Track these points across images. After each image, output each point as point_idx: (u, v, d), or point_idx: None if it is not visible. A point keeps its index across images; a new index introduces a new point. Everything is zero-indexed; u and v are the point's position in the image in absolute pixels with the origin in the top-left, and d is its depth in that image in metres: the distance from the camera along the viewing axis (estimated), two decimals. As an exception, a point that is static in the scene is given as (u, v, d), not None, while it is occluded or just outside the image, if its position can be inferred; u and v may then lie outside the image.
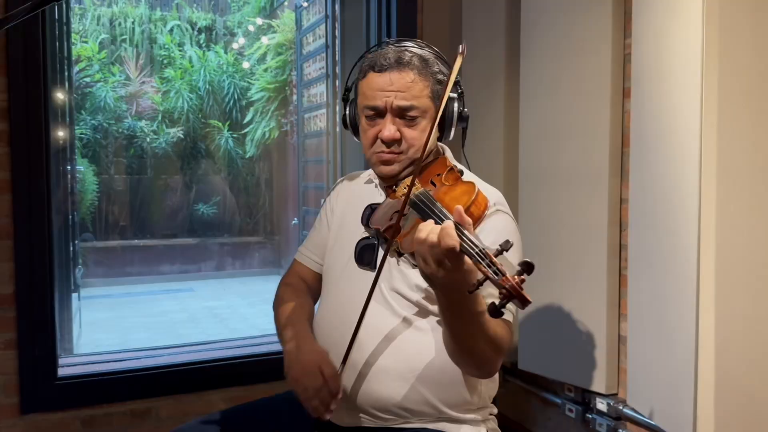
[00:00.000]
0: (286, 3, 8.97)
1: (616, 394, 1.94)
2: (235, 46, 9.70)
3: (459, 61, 1.16)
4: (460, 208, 1.01)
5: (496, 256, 0.95)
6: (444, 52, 1.35)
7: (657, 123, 1.66)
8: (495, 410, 1.38)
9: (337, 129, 3.00)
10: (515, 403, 2.41)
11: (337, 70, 2.98)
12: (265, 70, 8.96)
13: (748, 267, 1.52)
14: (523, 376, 2.31)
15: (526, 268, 0.92)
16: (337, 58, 2.96)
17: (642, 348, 1.76)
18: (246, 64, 9.45)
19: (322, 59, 6.22)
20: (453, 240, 0.97)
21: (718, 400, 1.50)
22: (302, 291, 1.46)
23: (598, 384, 1.93)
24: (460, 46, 1.16)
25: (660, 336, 1.67)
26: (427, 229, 1.01)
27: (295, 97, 8.07)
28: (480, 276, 0.95)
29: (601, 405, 1.95)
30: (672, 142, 1.59)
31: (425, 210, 1.13)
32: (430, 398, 1.25)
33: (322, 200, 1.58)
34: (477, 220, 1.12)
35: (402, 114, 1.27)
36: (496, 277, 0.93)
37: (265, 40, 9.01)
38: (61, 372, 2.11)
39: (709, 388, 1.50)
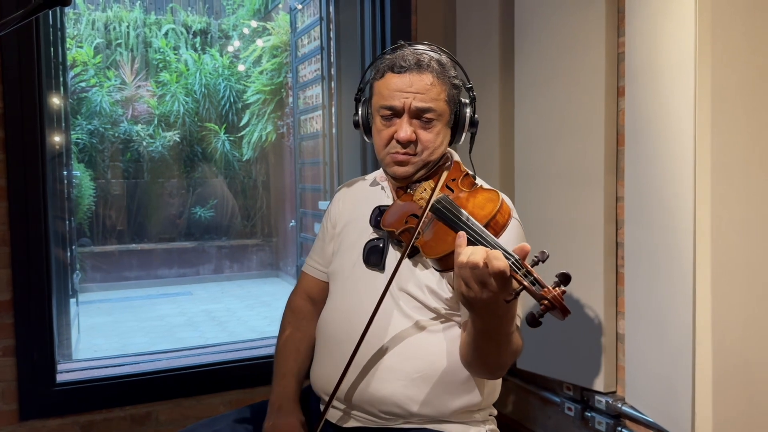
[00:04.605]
0: (280, 5, 8.97)
1: (614, 392, 1.95)
2: (230, 48, 9.70)
3: (445, 175, 1.26)
4: (526, 246, 0.99)
5: (532, 266, 0.96)
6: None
7: (651, 121, 1.66)
8: (495, 412, 1.39)
9: (333, 131, 3.01)
10: (515, 402, 2.41)
11: (332, 72, 2.99)
12: (261, 72, 8.96)
13: (743, 263, 1.53)
14: (522, 375, 2.32)
15: (564, 279, 0.93)
16: (332, 60, 2.97)
17: (640, 345, 1.77)
18: (241, 67, 9.45)
19: (317, 61, 6.23)
20: (502, 262, 0.95)
21: (716, 396, 1.51)
22: (307, 318, 1.48)
23: (597, 382, 1.94)
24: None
25: (657, 333, 1.67)
26: (468, 252, 0.99)
27: (291, 99, 8.08)
28: (517, 286, 0.95)
29: (600, 403, 1.95)
30: (666, 140, 1.60)
31: (449, 216, 1.13)
32: (434, 399, 1.25)
33: (320, 202, 1.59)
34: (502, 228, 1.12)
35: (419, 115, 1.28)
36: (534, 288, 0.94)
37: (260, 42, 9.01)
38: (60, 378, 2.11)
39: (707, 384, 1.51)
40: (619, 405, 1.90)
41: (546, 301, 0.92)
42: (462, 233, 1.04)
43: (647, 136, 1.68)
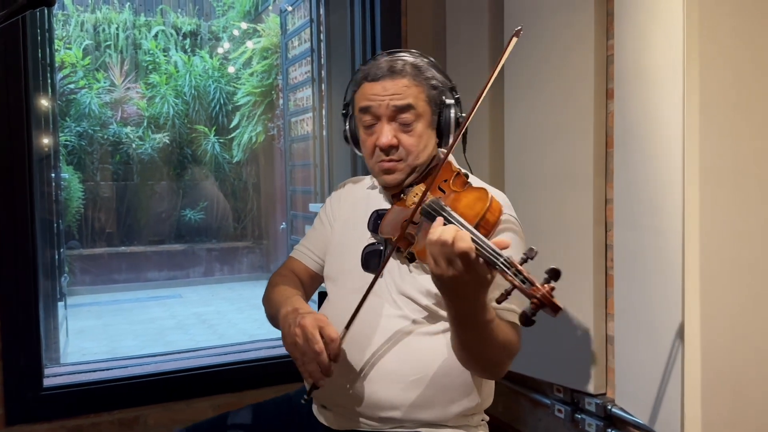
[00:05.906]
0: (270, 7, 8.96)
1: (604, 394, 1.95)
2: (220, 50, 9.69)
3: (513, 41, 1.12)
4: (505, 242, 1.00)
5: (521, 264, 0.95)
6: (429, 55, 1.36)
7: (640, 123, 1.67)
8: (487, 418, 1.38)
9: (324, 133, 3.00)
10: (505, 404, 2.41)
11: (322, 74, 2.98)
12: (251, 74, 8.94)
13: (732, 265, 1.53)
14: (512, 377, 2.32)
15: (554, 275, 0.93)
16: (322, 62, 2.96)
17: (629, 347, 1.77)
18: (231, 69, 9.44)
19: (307, 63, 6.22)
20: (466, 243, 0.96)
21: (705, 398, 1.51)
22: (295, 283, 1.44)
23: (587, 384, 1.94)
24: (517, 28, 1.12)
25: (647, 335, 1.68)
26: (439, 231, 1.00)
27: (281, 101, 8.06)
28: (508, 286, 0.95)
29: (590, 405, 1.95)
30: (655, 142, 1.60)
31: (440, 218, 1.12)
32: (434, 403, 1.24)
33: (310, 204, 1.58)
34: (492, 227, 1.11)
35: (397, 116, 1.27)
36: (524, 286, 0.93)
37: (250, 44, 9.00)
38: (47, 382, 2.08)
39: (696, 385, 1.51)
40: (609, 407, 1.90)
41: (536, 299, 0.91)
42: (440, 218, 1.06)
43: (636, 139, 1.69)
